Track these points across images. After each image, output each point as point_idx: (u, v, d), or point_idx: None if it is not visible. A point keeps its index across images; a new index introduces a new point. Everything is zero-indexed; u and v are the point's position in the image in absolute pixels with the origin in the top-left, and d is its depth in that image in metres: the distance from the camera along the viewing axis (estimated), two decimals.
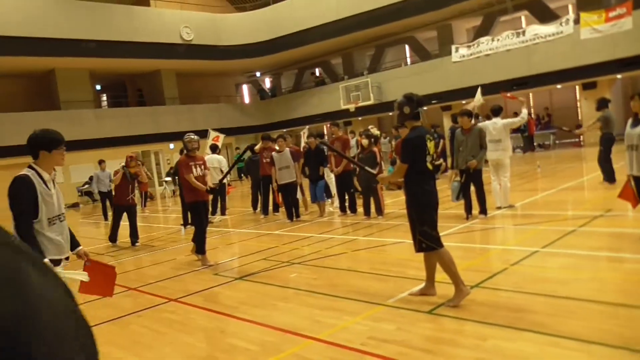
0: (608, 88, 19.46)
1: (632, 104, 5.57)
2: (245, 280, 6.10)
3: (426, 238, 4.29)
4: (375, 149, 9.41)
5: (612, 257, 5.34)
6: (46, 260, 3.55)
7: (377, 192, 9.29)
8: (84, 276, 3.78)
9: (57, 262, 3.62)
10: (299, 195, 10.58)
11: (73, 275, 3.70)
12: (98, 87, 28.71)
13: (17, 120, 20.96)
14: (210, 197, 8.05)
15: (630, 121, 5.57)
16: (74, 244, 3.86)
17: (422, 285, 4.69)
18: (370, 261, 6.22)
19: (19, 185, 3.56)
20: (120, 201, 9.60)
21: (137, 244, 9.58)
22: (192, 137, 7.19)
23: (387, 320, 4.17)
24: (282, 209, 11.19)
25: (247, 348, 3.95)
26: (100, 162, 13.89)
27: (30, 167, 3.67)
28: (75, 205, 21.71)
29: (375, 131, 9.62)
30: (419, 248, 4.40)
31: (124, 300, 5.82)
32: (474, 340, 3.56)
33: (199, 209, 7.15)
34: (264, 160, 11.18)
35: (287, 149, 10.17)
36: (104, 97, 30.13)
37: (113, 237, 9.95)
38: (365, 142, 9.18)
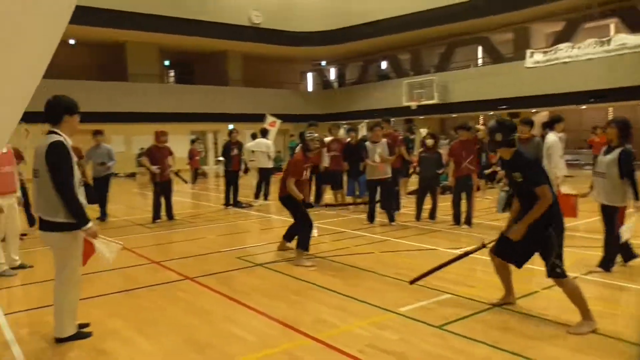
0: None
1: (607, 131, 5.34)
2: (265, 267, 5.99)
3: (561, 262, 3.96)
4: (442, 150, 9.04)
5: None
6: (91, 224, 3.68)
7: (437, 195, 8.93)
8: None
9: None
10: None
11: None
12: (166, 62, 29.50)
13: (87, 88, 21.88)
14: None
15: (603, 149, 5.46)
16: None
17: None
18: (396, 265, 5.93)
19: (63, 150, 3.62)
20: (155, 178, 9.38)
21: (173, 219, 9.64)
22: (315, 135, 6.36)
23: (392, 329, 3.92)
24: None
25: (245, 338, 3.83)
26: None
27: (54, 132, 3.71)
28: (132, 175, 22.24)
29: (422, 132, 9.25)
30: (551, 273, 3.97)
31: (143, 273, 5.86)
32: None
33: (299, 203, 6.29)
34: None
35: (384, 139, 8.66)
36: (171, 73, 30.97)
37: (156, 215, 9.47)
38: (430, 142, 8.83)
